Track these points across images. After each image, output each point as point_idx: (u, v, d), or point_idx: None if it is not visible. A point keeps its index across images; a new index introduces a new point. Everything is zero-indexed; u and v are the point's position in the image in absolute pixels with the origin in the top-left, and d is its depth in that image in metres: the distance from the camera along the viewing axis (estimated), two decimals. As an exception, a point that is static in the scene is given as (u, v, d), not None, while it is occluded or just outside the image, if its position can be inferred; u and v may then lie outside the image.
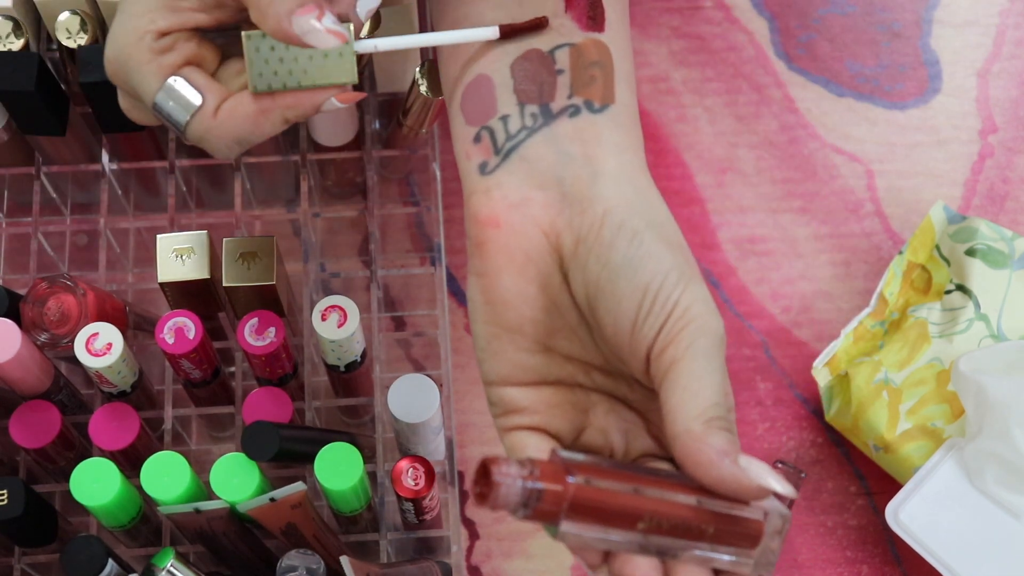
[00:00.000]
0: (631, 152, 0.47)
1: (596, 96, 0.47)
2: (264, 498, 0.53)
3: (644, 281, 0.43)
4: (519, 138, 0.47)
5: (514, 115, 0.47)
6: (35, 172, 0.65)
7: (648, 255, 0.44)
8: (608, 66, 0.48)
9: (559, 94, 0.47)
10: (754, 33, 0.79)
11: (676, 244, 0.45)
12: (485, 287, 0.46)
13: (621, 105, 0.48)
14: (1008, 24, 0.80)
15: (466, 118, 0.49)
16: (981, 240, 0.67)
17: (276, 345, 0.57)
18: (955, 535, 0.61)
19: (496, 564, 0.66)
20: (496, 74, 0.48)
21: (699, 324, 0.43)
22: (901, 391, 0.65)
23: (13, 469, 0.60)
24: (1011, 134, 0.77)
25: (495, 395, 0.46)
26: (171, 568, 0.52)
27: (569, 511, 0.40)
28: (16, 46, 0.60)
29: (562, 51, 0.48)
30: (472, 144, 0.48)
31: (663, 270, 0.43)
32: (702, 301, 0.43)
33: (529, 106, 0.47)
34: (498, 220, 0.46)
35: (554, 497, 0.39)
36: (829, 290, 0.73)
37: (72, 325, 0.58)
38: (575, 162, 0.46)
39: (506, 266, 0.45)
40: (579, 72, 0.47)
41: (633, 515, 0.41)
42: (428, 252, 0.72)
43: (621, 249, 0.44)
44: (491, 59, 0.48)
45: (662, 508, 0.41)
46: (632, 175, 0.46)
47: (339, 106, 0.47)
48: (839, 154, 0.76)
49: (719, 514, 0.42)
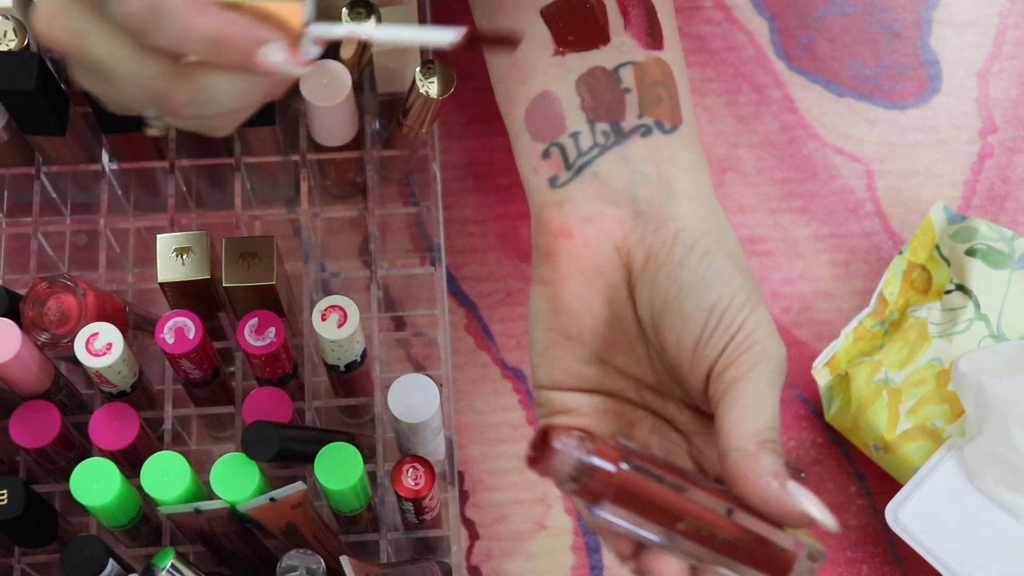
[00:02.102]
0: (703, 172, 0.47)
1: (665, 116, 0.48)
2: (264, 498, 0.53)
3: (711, 301, 0.44)
4: (591, 155, 0.47)
5: (584, 132, 0.47)
6: (35, 172, 0.65)
7: (717, 275, 0.44)
8: (672, 86, 0.48)
9: (628, 113, 0.47)
10: (754, 33, 0.79)
11: (743, 267, 0.45)
12: (551, 295, 0.46)
13: (688, 125, 0.48)
14: (1008, 24, 0.80)
15: (532, 135, 0.49)
16: (981, 240, 0.67)
17: (276, 345, 0.57)
18: (955, 535, 0.61)
19: (496, 564, 0.66)
20: (561, 90, 0.48)
21: (762, 348, 0.43)
22: (901, 391, 0.65)
23: (13, 469, 0.60)
24: (1011, 134, 0.77)
25: (544, 397, 0.47)
26: (171, 568, 0.52)
27: (616, 495, 0.40)
28: (16, 46, 0.60)
29: (626, 69, 0.48)
30: (540, 160, 0.48)
31: (731, 291, 0.44)
32: (766, 326, 0.44)
33: (600, 124, 0.47)
34: (571, 231, 0.46)
35: (604, 477, 0.40)
36: (829, 290, 0.73)
37: (72, 325, 0.58)
38: (649, 181, 0.46)
39: (575, 276, 0.46)
40: (645, 92, 0.48)
41: (675, 514, 0.41)
42: (428, 252, 0.72)
43: (691, 268, 0.44)
44: (553, 75, 0.48)
45: (705, 514, 0.41)
46: (705, 195, 0.47)
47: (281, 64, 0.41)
48: (839, 154, 0.76)
49: (755, 534, 0.42)
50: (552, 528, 0.67)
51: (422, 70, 0.61)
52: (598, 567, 0.66)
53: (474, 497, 0.68)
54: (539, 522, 0.67)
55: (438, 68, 0.61)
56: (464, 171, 0.74)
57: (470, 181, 0.74)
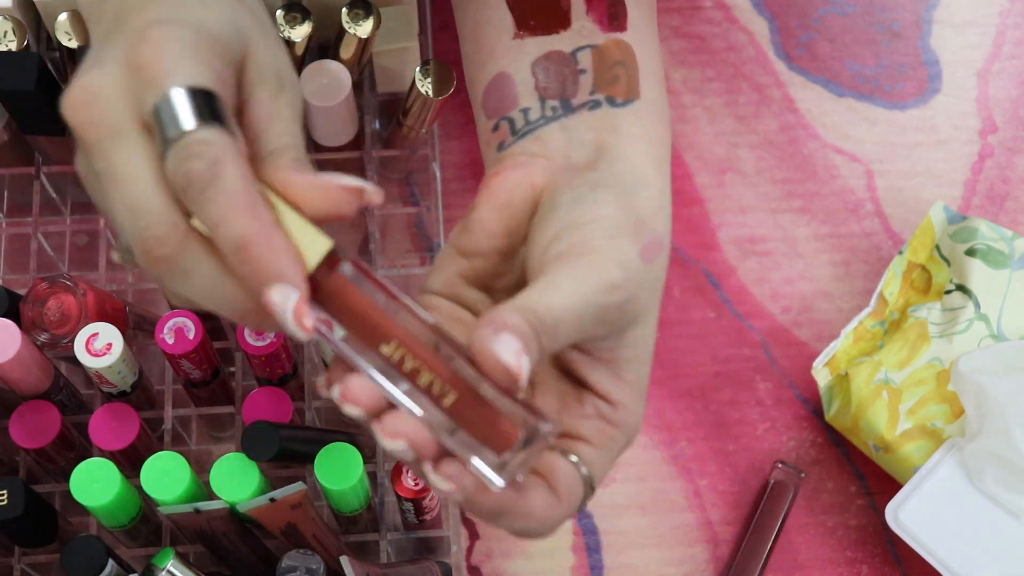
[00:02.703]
0: (645, 143, 0.47)
1: (619, 93, 0.48)
2: (264, 498, 0.53)
3: (574, 215, 0.44)
4: (536, 124, 0.48)
5: (534, 107, 0.48)
6: (35, 172, 0.65)
7: (595, 200, 0.44)
8: (632, 65, 0.48)
9: (581, 91, 0.48)
10: (754, 33, 0.79)
11: (633, 211, 0.44)
12: (464, 217, 0.47)
13: (646, 100, 0.48)
14: (1008, 24, 0.80)
15: (487, 113, 0.50)
16: (981, 240, 0.67)
17: (276, 345, 0.57)
18: (955, 535, 0.61)
19: (496, 564, 0.66)
20: (517, 73, 0.49)
21: (596, 260, 0.42)
22: (901, 391, 0.65)
23: (13, 469, 0.60)
24: (1011, 134, 0.77)
25: (426, 301, 0.47)
26: (171, 568, 0.52)
27: (326, 297, 0.39)
28: (16, 46, 0.60)
29: (584, 52, 0.48)
30: (491, 133, 0.49)
31: (601, 214, 0.44)
32: (622, 253, 0.42)
33: (550, 101, 0.48)
34: (498, 173, 0.47)
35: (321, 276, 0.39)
36: (829, 290, 0.73)
37: (72, 325, 0.58)
38: (585, 146, 0.47)
39: (486, 202, 0.46)
40: (602, 72, 0.48)
41: (382, 334, 0.39)
42: (428, 252, 0.72)
43: (575, 188, 0.45)
44: (511, 58, 0.49)
45: (416, 346, 0.39)
46: (635, 161, 0.46)
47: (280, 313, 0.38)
48: (839, 154, 0.76)
49: (472, 387, 0.39)
50: (552, 528, 0.67)
51: (422, 70, 0.61)
52: (598, 567, 0.66)
53: (474, 497, 0.68)
54: (539, 522, 0.67)
55: (438, 68, 0.61)
56: (464, 171, 0.74)
57: (470, 181, 0.74)
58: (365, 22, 0.61)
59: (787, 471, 0.67)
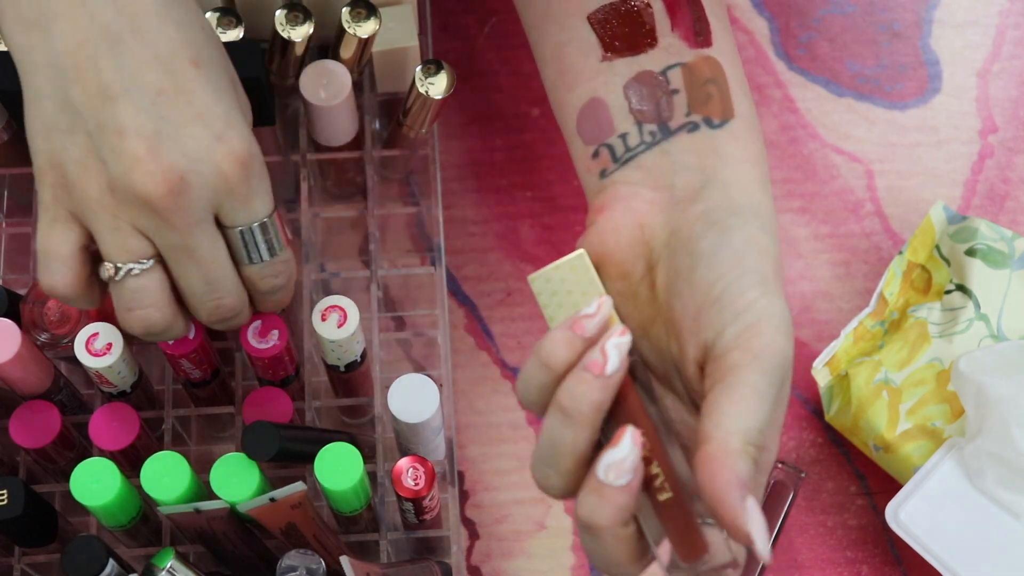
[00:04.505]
0: (749, 164, 0.47)
1: (715, 113, 0.48)
2: (264, 498, 0.53)
3: (721, 271, 0.43)
4: (637, 150, 0.48)
5: (632, 133, 0.48)
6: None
7: (732, 250, 0.44)
8: (723, 82, 0.48)
9: (677, 113, 0.48)
10: (754, 33, 0.79)
11: (766, 253, 0.45)
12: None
13: (740, 118, 0.48)
14: (1008, 24, 0.80)
15: (584, 139, 0.49)
16: (981, 240, 0.67)
17: (279, 348, 0.57)
18: (955, 535, 0.61)
19: (496, 564, 0.66)
20: (609, 96, 0.49)
21: (770, 340, 0.42)
22: (901, 391, 0.65)
23: (13, 469, 0.60)
24: (1011, 134, 0.77)
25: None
26: (171, 568, 0.52)
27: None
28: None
29: (674, 71, 0.48)
30: (591, 160, 0.49)
31: (743, 267, 0.44)
32: (778, 318, 0.43)
33: (647, 125, 0.48)
34: (606, 208, 0.47)
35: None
36: (829, 290, 0.73)
37: (72, 325, 0.58)
38: (689, 171, 0.47)
39: (594, 248, 0.47)
40: (695, 91, 0.48)
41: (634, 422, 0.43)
42: (428, 252, 0.72)
43: (709, 239, 0.44)
44: (602, 81, 0.49)
45: (653, 437, 0.43)
46: (744, 185, 0.46)
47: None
48: (839, 154, 0.76)
49: (687, 494, 0.43)
50: (552, 528, 0.67)
51: (422, 70, 0.61)
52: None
53: (474, 497, 0.68)
54: (539, 522, 0.67)
55: (438, 68, 0.61)
56: (464, 171, 0.74)
57: (470, 181, 0.74)
58: (365, 22, 0.61)
59: (787, 471, 0.67)
